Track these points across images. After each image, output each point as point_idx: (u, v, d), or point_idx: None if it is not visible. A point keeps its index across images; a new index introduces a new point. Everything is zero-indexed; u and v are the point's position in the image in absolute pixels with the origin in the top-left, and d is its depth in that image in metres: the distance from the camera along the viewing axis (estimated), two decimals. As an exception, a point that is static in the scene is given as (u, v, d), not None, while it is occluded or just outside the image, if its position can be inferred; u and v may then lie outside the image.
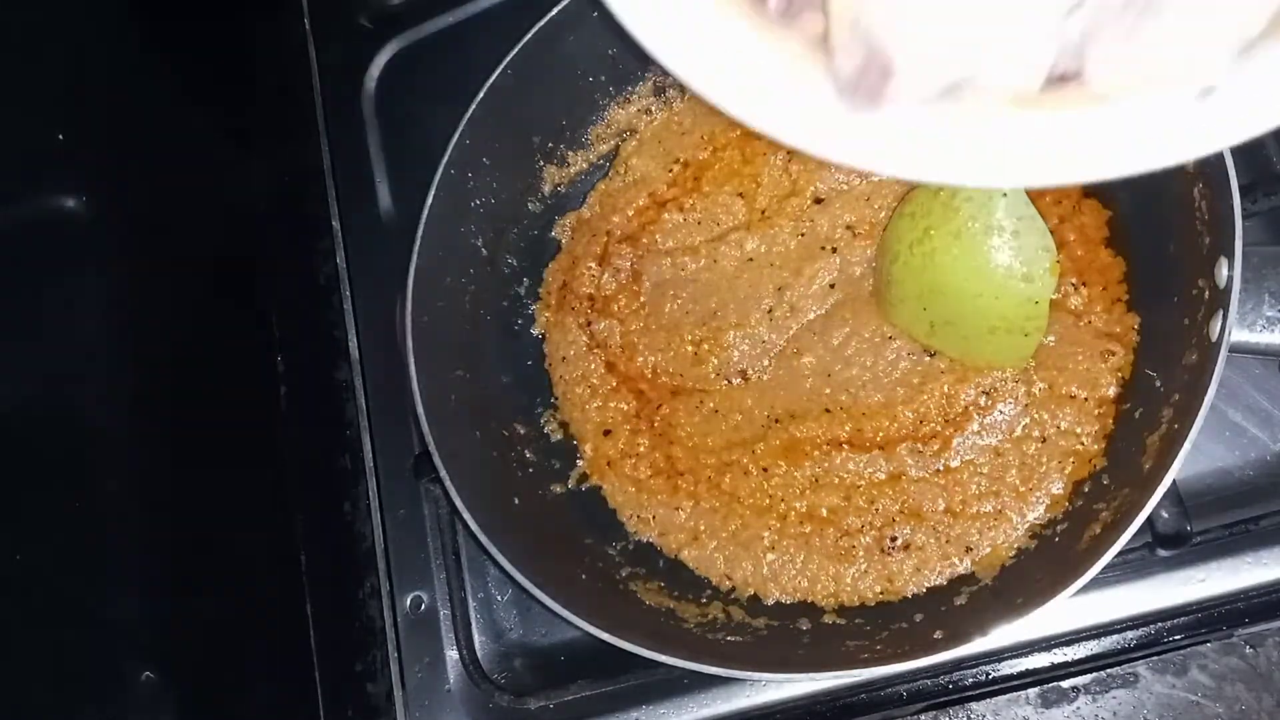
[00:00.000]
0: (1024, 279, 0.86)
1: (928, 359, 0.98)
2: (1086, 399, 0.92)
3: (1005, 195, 0.86)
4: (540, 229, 1.15)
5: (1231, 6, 0.48)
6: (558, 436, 1.09)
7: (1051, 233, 0.87)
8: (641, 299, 1.10)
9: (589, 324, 1.10)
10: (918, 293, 0.92)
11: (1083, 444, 0.91)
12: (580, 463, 1.06)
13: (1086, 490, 0.90)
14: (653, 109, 1.14)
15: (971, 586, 0.90)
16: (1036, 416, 0.93)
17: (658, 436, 1.04)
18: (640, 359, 1.07)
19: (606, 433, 1.05)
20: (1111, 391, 0.91)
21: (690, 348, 1.06)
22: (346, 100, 1.30)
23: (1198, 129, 0.52)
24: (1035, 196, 0.88)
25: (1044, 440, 0.92)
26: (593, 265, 1.12)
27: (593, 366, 1.08)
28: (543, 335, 1.12)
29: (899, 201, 0.99)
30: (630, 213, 1.12)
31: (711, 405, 1.04)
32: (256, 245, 1.33)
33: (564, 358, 1.09)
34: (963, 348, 0.94)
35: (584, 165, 1.16)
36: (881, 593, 0.93)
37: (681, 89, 1.13)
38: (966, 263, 0.88)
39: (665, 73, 1.07)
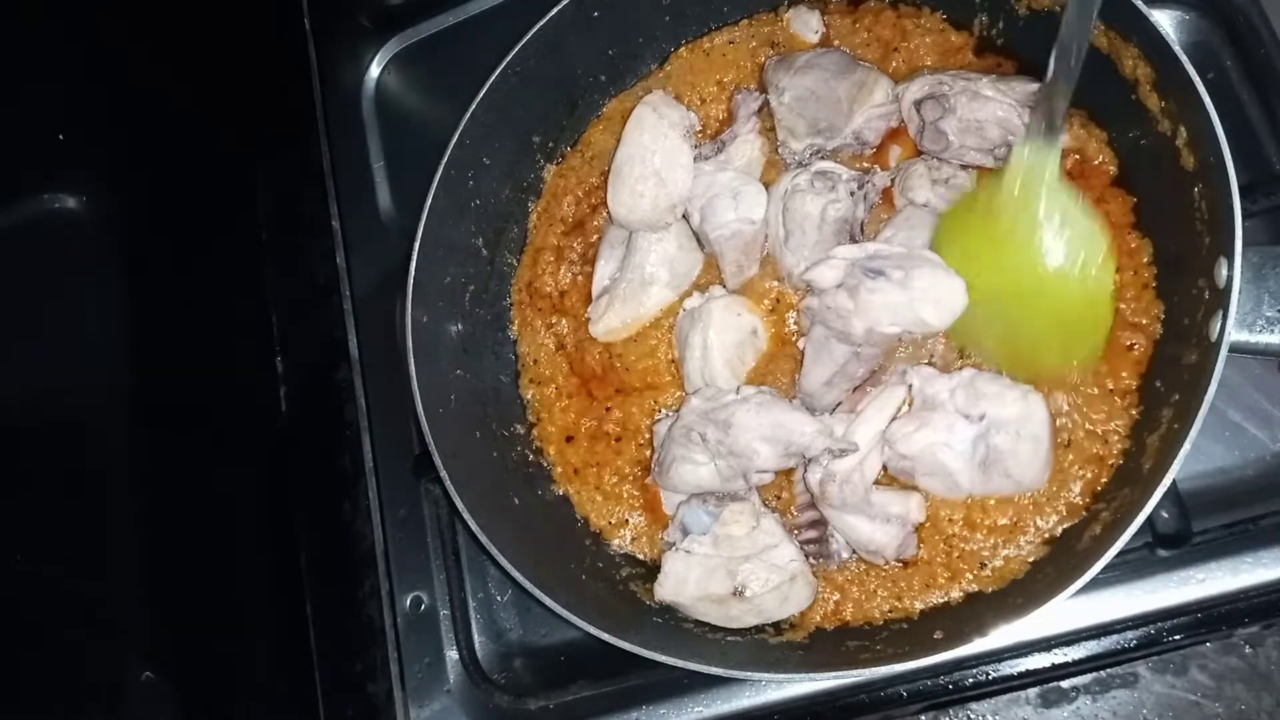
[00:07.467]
0: (1079, 270, 0.83)
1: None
2: (1112, 390, 0.89)
3: (1044, 189, 0.82)
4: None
5: None
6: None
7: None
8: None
9: (552, 325, 1.07)
10: (972, 308, 0.87)
11: (1107, 443, 0.88)
12: (555, 471, 1.03)
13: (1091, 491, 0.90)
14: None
15: (972, 587, 0.90)
16: (1062, 421, 0.89)
17: (615, 441, 1.01)
18: (589, 358, 1.04)
19: (569, 439, 1.03)
20: (1134, 384, 0.88)
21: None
22: (346, 100, 1.30)
23: None
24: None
25: (1069, 444, 0.89)
26: (550, 258, 1.09)
27: (560, 369, 1.05)
28: (515, 339, 1.09)
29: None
30: (581, 192, 1.10)
31: (665, 403, 1.00)
32: (256, 245, 1.33)
33: (535, 360, 1.07)
34: (1030, 357, 0.89)
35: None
36: (890, 611, 0.90)
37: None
38: (1017, 263, 0.85)
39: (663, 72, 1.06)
